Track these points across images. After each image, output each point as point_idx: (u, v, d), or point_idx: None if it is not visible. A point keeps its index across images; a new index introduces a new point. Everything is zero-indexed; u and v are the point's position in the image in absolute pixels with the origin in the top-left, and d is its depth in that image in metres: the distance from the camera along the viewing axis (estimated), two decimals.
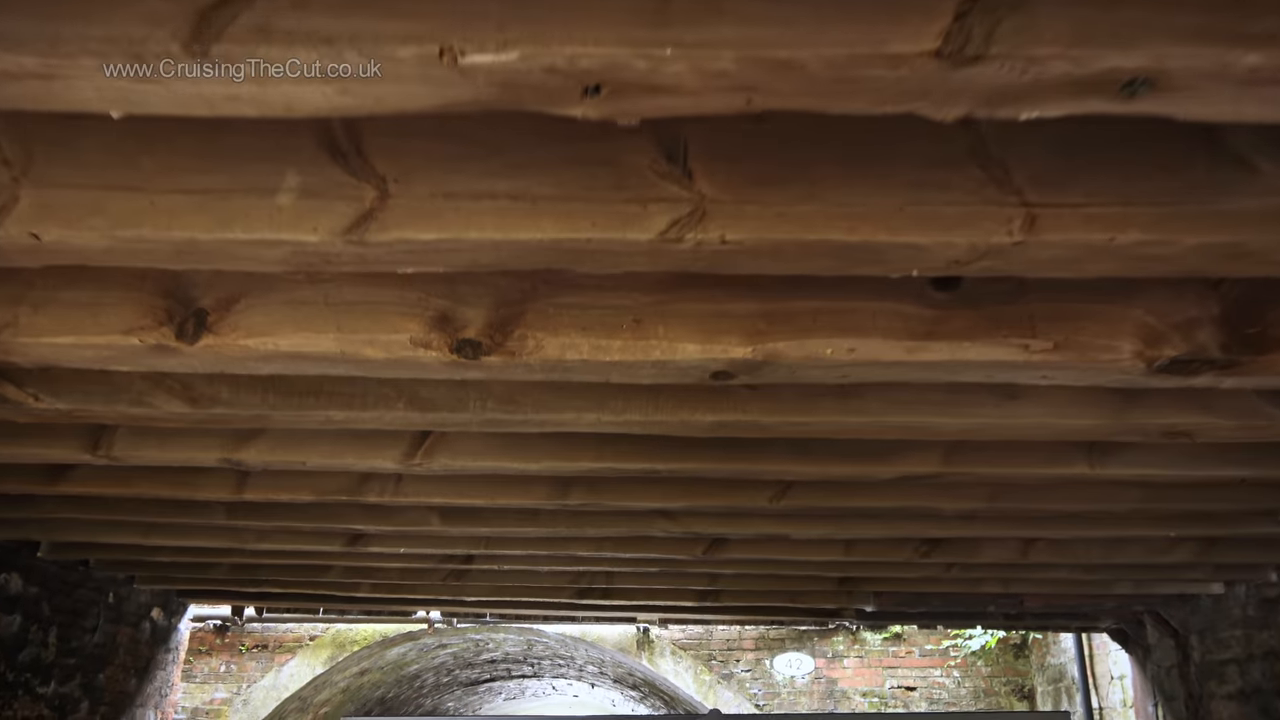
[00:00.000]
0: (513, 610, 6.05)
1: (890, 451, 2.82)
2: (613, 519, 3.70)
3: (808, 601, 5.45)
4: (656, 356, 1.99)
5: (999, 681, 7.82)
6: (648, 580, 5.02)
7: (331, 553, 4.54)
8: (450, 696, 14.41)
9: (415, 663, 9.80)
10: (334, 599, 5.93)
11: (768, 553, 4.13)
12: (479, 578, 5.09)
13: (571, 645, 8.80)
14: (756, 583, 4.99)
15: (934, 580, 4.93)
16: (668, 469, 2.87)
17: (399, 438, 2.85)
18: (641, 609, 5.98)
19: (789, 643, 8.11)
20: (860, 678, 7.91)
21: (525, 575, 5.06)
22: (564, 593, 5.44)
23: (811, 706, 7.79)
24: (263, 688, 7.87)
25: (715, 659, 8.09)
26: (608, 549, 4.15)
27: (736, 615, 5.93)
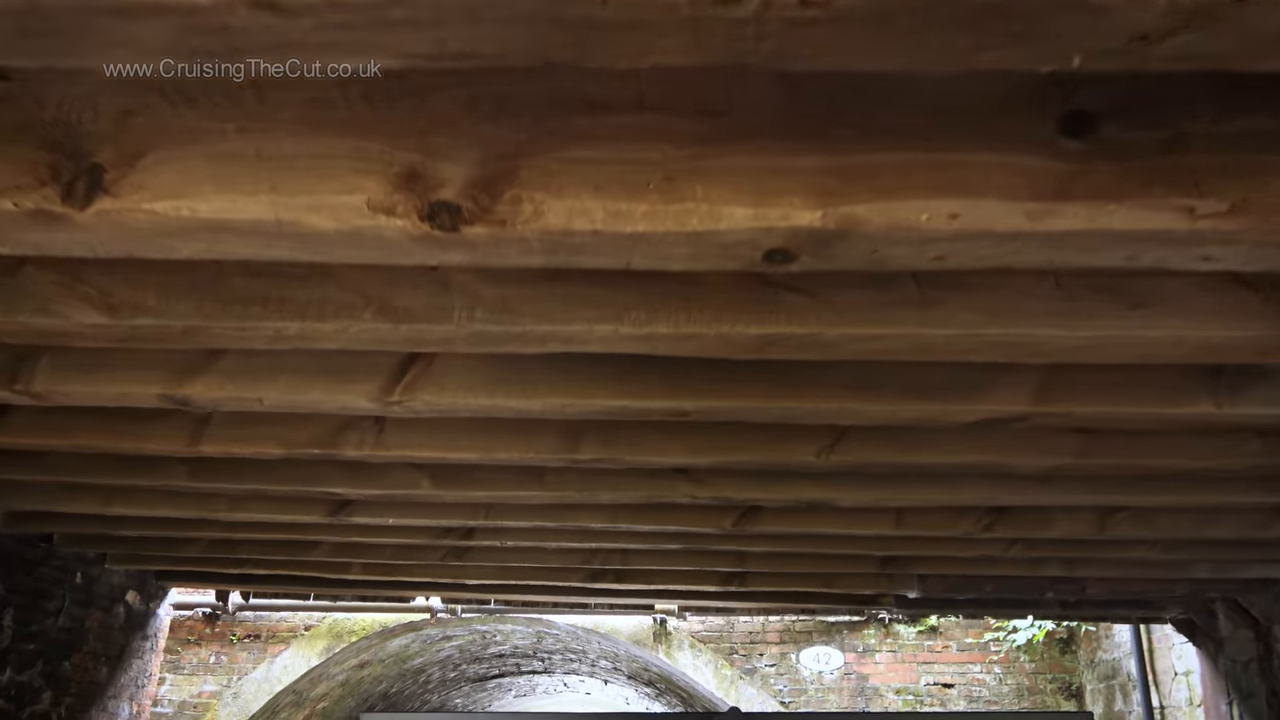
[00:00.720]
0: (519, 596, 5.59)
1: (972, 385, 2.33)
2: (629, 481, 3.22)
3: (845, 586, 4.96)
4: (694, 225, 1.52)
5: (1044, 679, 7.33)
6: (667, 560, 4.55)
7: (315, 525, 4.09)
8: (457, 693, 13.99)
9: (419, 655, 9.36)
10: (324, 582, 5.48)
11: (806, 525, 3.65)
12: (481, 557, 4.63)
13: (583, 638, 8.34)
14: (789, 563, 4.51)
15: (990, 561, 4.44)
16: (698, 409, 2.39)
17: (373, 366, 2.38)
18: (659, 595, 5.51)
19: (816, 636, 7.63)
20: (893, 674, 7.43)
21: (532, 555, 4.60)
22: (575, 575, 4.99)
23: (841, 705, 7.32)
24: (254, 680, 7.45)
25: (737, 653, 7.62)
26: (624, 519, 3.68)
27: (764, 602, 5.45)
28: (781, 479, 3.17)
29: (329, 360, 2.39)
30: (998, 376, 2.31)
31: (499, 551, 4.61)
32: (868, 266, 1.63)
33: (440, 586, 5.50)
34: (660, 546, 4.17)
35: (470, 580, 5.09)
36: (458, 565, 4.95)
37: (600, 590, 5.43)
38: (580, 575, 4.99)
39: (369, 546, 4.60)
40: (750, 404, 2.35)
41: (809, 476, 3.16)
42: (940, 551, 4.09)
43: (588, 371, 2.35)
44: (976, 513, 3.57)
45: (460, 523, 3.78)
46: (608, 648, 8.55)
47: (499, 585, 5.41)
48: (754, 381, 2.34)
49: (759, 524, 3.65)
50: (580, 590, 5.44)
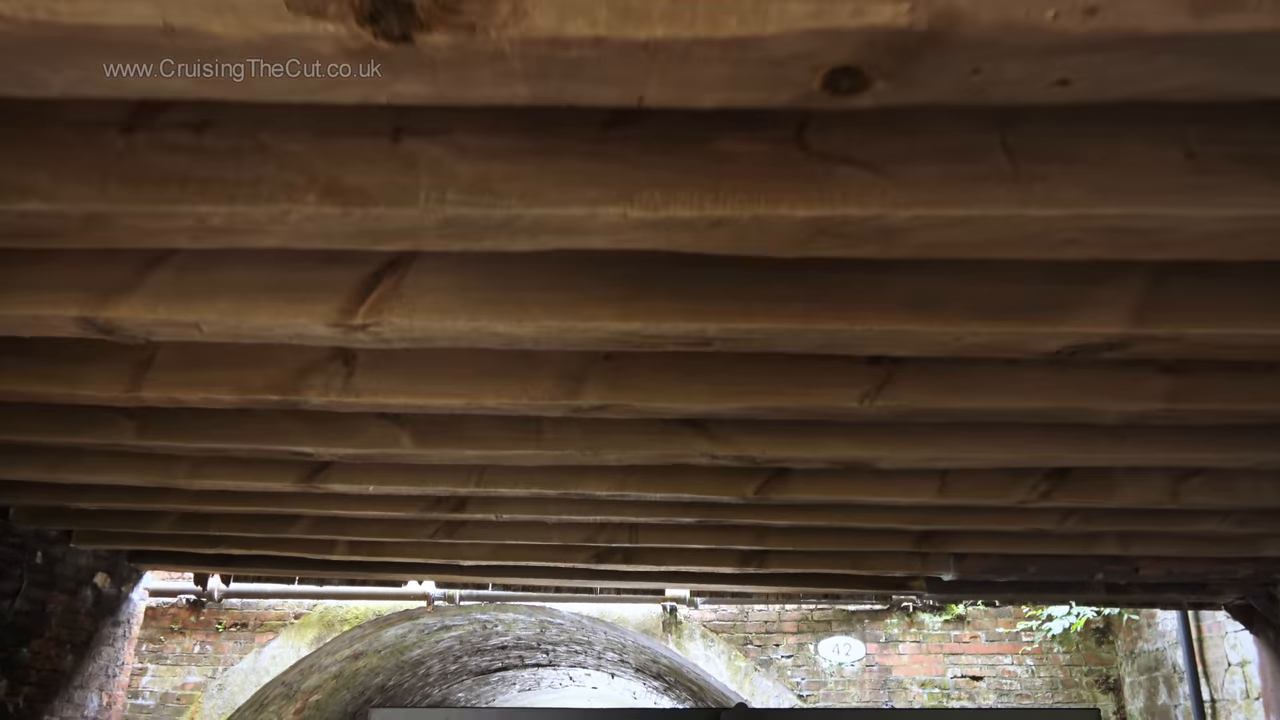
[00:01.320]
0: (519, 580, 5.21)
1: (1058, 301, 1.92)
2: (640, 436, 2.83)
3: (874, 567, 4.57)
4: (731, 29, 1.13)
5: (1079, 671, 6.93)
6: (680, 537, 4.16)
7: (289, 495, 3.72)
8: (459, 686, 13.64)
9: (417, 646, 9.00)
10: (308, 563, 5.11)
11: (838, 492, 3.25)
12: (475, 533, 4.24)
13: (589, 628, 7.96)
14: (815, 540, 4.11)
15: (1039, 537, 4.05)
16: (722, 334, 1.99)
17: (332, 284, 1.99)
18: (671, 579, 5.12)
19: (836, 625, 7.24)
20: (918, 665, 7.04)
21: (531, 531, 4.22)
22: (579, 555, 4.60)
23: (862, 698, 6.94)
24: (241, 671, 7.09)
25: (752, 643, 7.24)
26: (633, 485, 3.29)
27: (784, 586, 5.06)
28: (815, 433, 2.77)
29: (278, 274, 2.00)
30: (1091, 289, 1.91)
31: (495, 527, 4.22)
32: (963, 97, 1.24)
33: (433, 569, 5.12)
34: (673, 520, 3.78)
35: (465, 561, 4.71)
36: (450, 544, 4.57)
37: (607, 573, 5.05)
38: (585, 555, 4.61)
39: (352, 522, 4.22)
40: (786, 326, 1.95)
41: (848, 429, 2.76)
42: (985, 525, 3.68)
43: (590, 283, 1.95)
44: (1034, 476, 3.17)
45: (450, 490, 3.39)
46: (614, 638, 8.18)
47: (497, 567, 5.03)
48: (791, 299, 1.94)
49: (785, 491, 3.25)
50: (585, 573, 5.05)
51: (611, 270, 1.97)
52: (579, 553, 4.60)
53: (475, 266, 1.99)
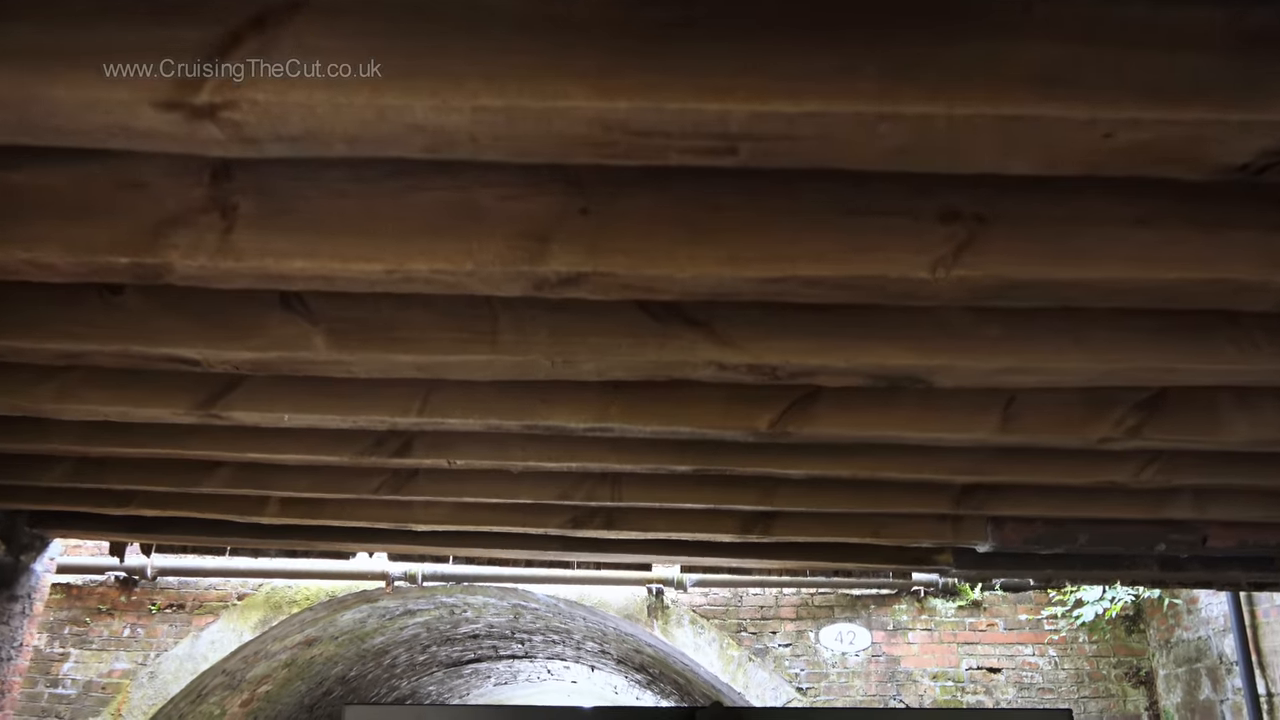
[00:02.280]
0: (484, 552, 4.56)
1: (1249, 80, 1.30)
2: (625, 335, 2.19)
3: (897, 534, 3.94)
4: None
5: (1107, 662, 6.35)
6: (672, 492, 3.53)
7: (188, 429, 3.06)
8: (430, 679, 13.00)
9: (379, 634, 8.34)
10: (235, 529, 4.44)
11: (877, 423, 2.62)
12: (428, 487, 3.59)
13: (566, 613, 7.33)
14: (833, 497, 3.48)
15: (1103, 496, 3.45)
16: (752, 124, 1.35)
17: (165, 44, 1.34)
18: (659, 550, 4.48)
19: (839, 611, 6.64)
20: (930, 656, 6.45)
21: (495, 485, 3.57)
22: (553, 518, 3.97)
23: (867, 691, 6.34)
24: (175, 658, 6.41)
25: (746, 630, 6.63)
26: (615, 416, 2.64)
27: (788, 559, 4.43)
28: (859, 328, 2.13)
29: (85, 35, 1.35)
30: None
31: (451, 480, 3.57)
32: None
33: (383, 536, 4.46)
34: (665, 469, 3.13)
35: (419, 525, 4.06)
36: (400, 502, 3.93)
37: (585, 543, 4.41)
38: (560, 519, 3.97)
39: (279, 472, 3.56)
40: (853, 109, 1.30)
41: (904, 323, 2.13)
42: (1044, 475, 3.06)
43: (556, 46, 1.30)
44: (1125, 404, 2.54)
45: (388, 422, 2.73)
46: (595, 625, 7.54)
47: (457, 535, 4.38)
48: (861, 66, 1.29)
49: (809, 422, 2.61)
50: (560, 543, 4.41)
51: (592, 33, 1.32)
52: (552, 515, 3.96)
53: (385, 19, 1.34)
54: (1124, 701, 6.19)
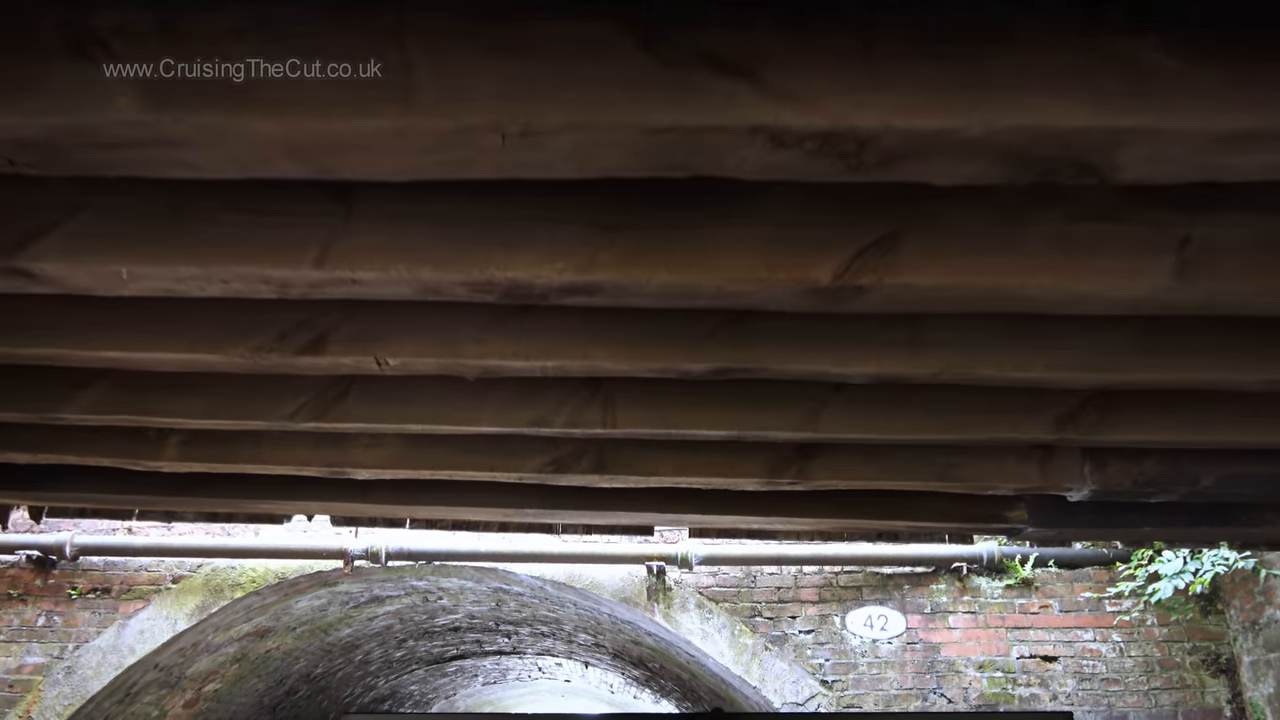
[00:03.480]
0: (447, 510, 3.73)
1: None
2: (619, 84, 1.36)
3: (971, 477, 3.13)
4: None
5: (1180, 648, 5.56)
6: (683, 411, 2.71)
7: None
8: (410, 678, 12.16)
9: (344, 625, 7.50)
10: (131, 480, 3.60)
11: (995, 270, 1.79)
12: (362, 411, 2.77)
13: (555, 599, 6.50)
14: (902, 414, 2.66)
15: (1245, 416, 2.63)
16: None
17: None
18: (664, 504, 3.65)
19: (867, 592, 5.83)
20: (974, 643, 5.65)
21: (448, 404, 2.75)
22: (528, 459, 3.16)
23: (903, 684, 5.53)
24: (97, 650, 5.57)
25: (761, 614, 5.81)
26: (607, 265, 1.82)
27: (825, 516, 3.60)
28: (1007, 73, 1.31)
29: None
30: None
31: (389, 398, 2.75)
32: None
33: (319, 490, 3.63)
34: (674, 370, 2.31)
35: (361, 472, 3.23)
36: (329, 435, 3.11)
37: (571, 495, 3.59)
38: (537, 460, 3.15)
39: (161, 389, 2.73)
40: None
41: (1076, 72, 1.31)
42: (1203, 374, 2.24)
43: None
44: None
45: (271, 277, 1.89)
46: (587, 611, 6.72)
47: (410, 486, 3.56)
48: None
49: (892, 269, 1.78)
50: (541, 495, 3.59)
51: None
52: (528, 453, 3.14)
53: None
54: (1202, 693, 5.40)
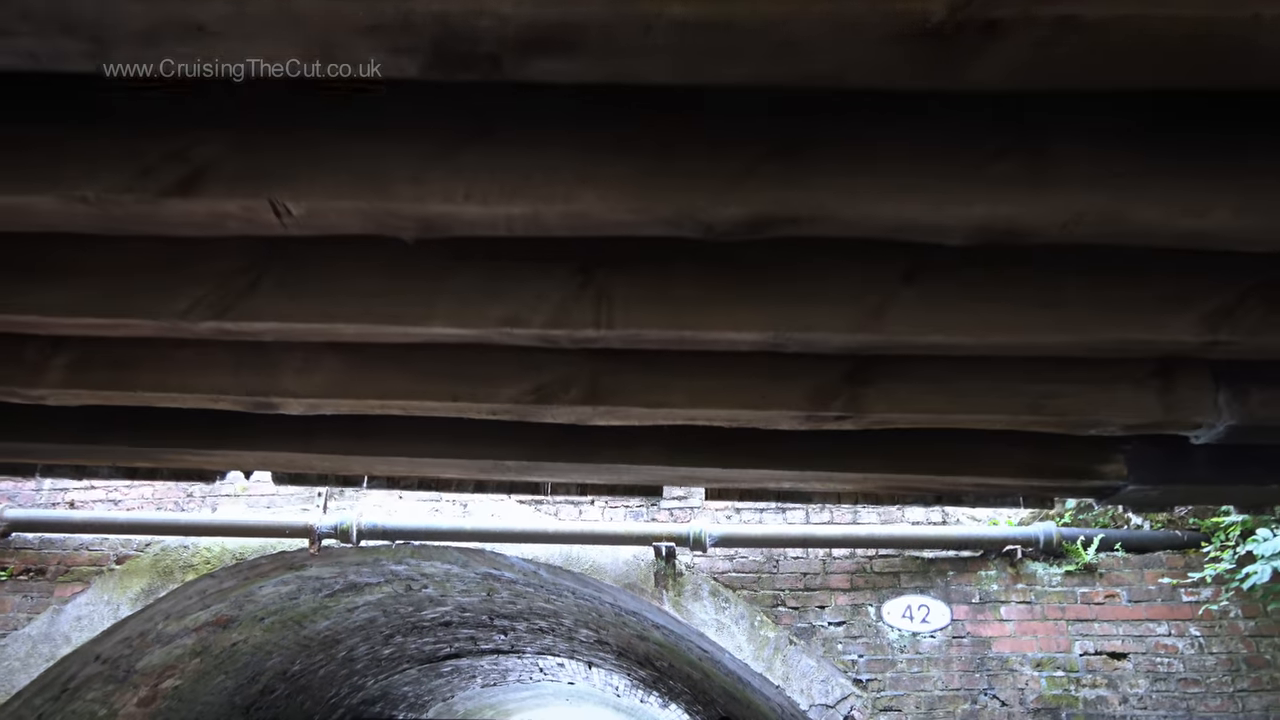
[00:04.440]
0: (408, 462, 3.06)
1: None
2: None
3: (1073, 410, 2.45)
4: None
5: (1270, 644, 4.86)
6: (699, 307, 2.04)
7: None
8: (402, 679, 11.52)
9: (320, 616, 6.85)
10: (18, 421, 2.96)
11: None
12: (274, 304, 2.11)
13: (551, 586, 5.84)
14: (988, 315, 1.99)
15: None
16: None
17: None
18: (675, 453, 2.98)
19: (906, 579, 5.16)
20: (1030, 637, 4.96)
21: (391, 296, 2.09)
22: (502, 385, 2.51)
23: (949, 684, 4.85)
24: (26, 639, 4.93)
25: (784, 604, 5.14)
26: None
27: (878, 468, 2.92)
28: None
29: None
30: None
31: (310, 290, 2.09)
32: None
33: (248, 434, 2.97)
34: (695, 217, 1.65)
35: (292, 404, 2.58)
36: (247, 352, 2.46)
37: (558, 439, 2.92)
38: (514, 387, 2.49)
39: (19, 275, 2.09)
40: None
41: None
42: None
43: None
44: None
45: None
46: (587, 601, 6.05)
47: (354, 423, 2.90)
48: None
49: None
50: (520, 439, 2.93)
51: None
52: (501, 378, 2.48)
53: None
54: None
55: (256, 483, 5.54)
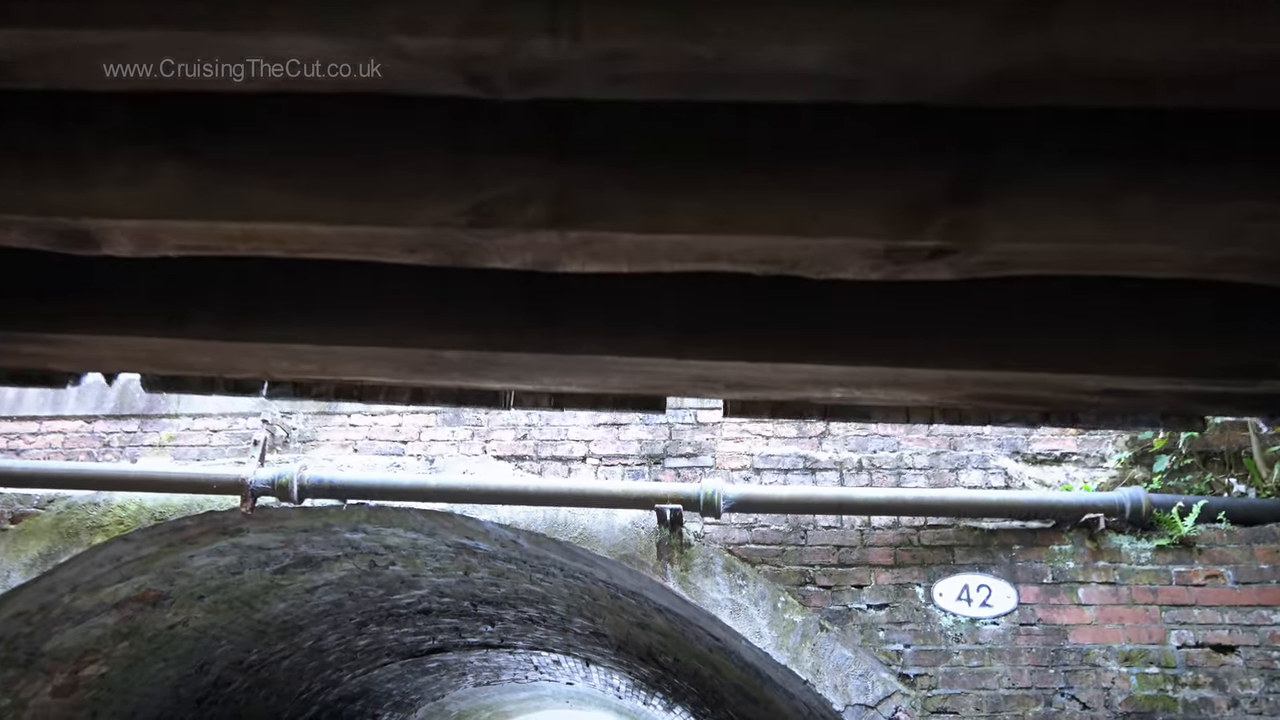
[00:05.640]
0: (308, 345, 2.23)
1: None
2: None
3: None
4: None
5: None
6: (718, 7, 1.19)
7: None
8: (383, 674, 10.69)
9: (273, 597, 6.03)
10: None
11: None
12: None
13: (535, 560, 5.01)
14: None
15: None
16: None
17: None
18: (686, 331, 2.13)
19: (961, 554, 4.31)
20: (1115, 625, 4.09)
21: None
22: (424, 189, 1.66)
23: (1016, 681, 3.98)
24: None
25: (813, 581, 4.30)
26: None
27: (973, 365, 2.07)
28: None
29: None
30: None
31: None
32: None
33: (68, 300, 2.15)
34: None
35: (113, 232, 1.76)
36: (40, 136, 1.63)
37: (515, 306, 2.09)
38: (436, 199, 1.66)
39: None
40: None
41: None
42: None
43: None
44: None
45: None
46: (578, 580, 5.21)
47: (208, 269, 2.08)
48: None
49: None
50: (457, 307, 2.09)
51: None
52: (422, 184, 1.66)
53: None
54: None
55: (187, 431, 4.74)
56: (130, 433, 4.71)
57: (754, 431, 4.69)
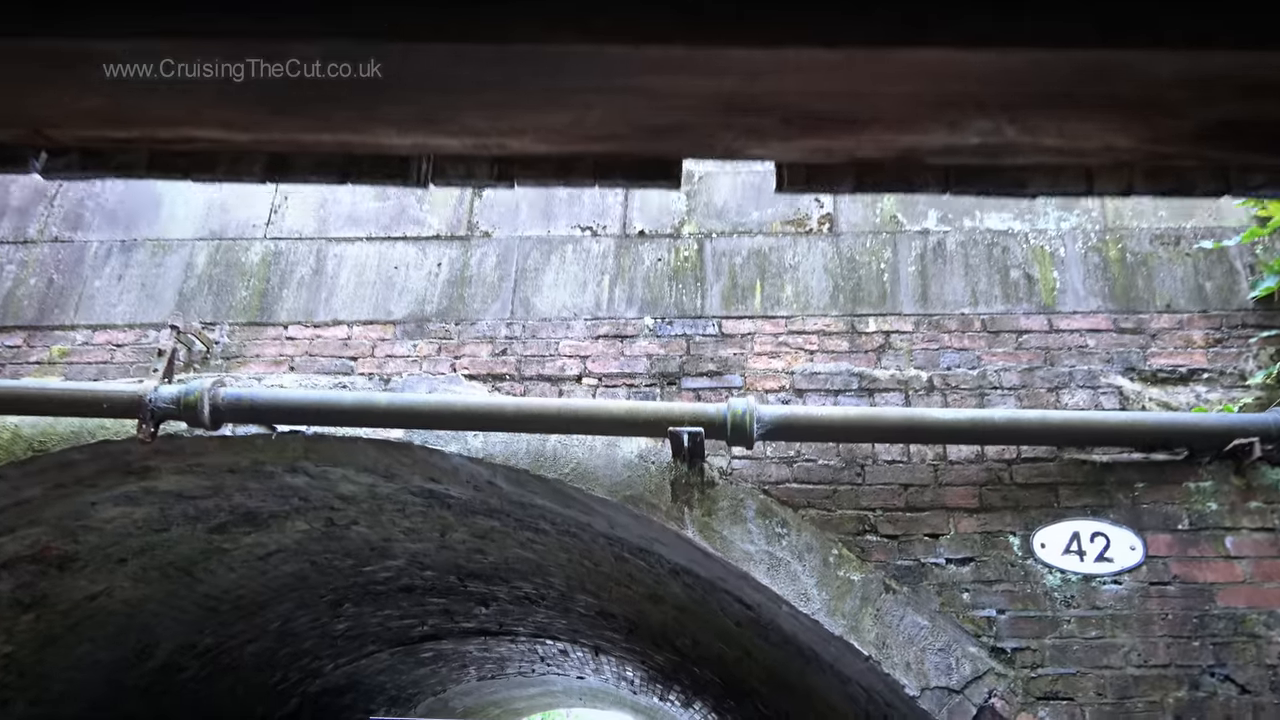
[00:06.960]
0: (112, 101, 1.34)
1: None
2: None
3: None
4: None
5: None
6: None
7: None
8: (372, 663, 9.82)
9: (215, 562, 5.14)
10: None
11: None
12: None
13: (518, 509, 4.10)
14: None
15: None
16: None
17: None
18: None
19: (1069, 495, 3.35)
20: (1277, 584, 3.14)
21: None
22: None
23: (1148, 656, 3.02)
24: None
25: (874, 530, 3.35)
26: None
27: (1131, 107, 1.15)
28: None
29: None
30: None
31: None
32: None
33: None
34: None
35: None
36: None
37: None
38: None
39: None
40: None
41: None
42: None
43: None
44: None
45: None
46: (572, 536, 4.29)
47: None
48: None
49: None
50: None
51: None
52: None
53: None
54: None
55: (85, 346, 3.86)
56: (13, 347, 3.84)
57: (794, 344, 3.75)
